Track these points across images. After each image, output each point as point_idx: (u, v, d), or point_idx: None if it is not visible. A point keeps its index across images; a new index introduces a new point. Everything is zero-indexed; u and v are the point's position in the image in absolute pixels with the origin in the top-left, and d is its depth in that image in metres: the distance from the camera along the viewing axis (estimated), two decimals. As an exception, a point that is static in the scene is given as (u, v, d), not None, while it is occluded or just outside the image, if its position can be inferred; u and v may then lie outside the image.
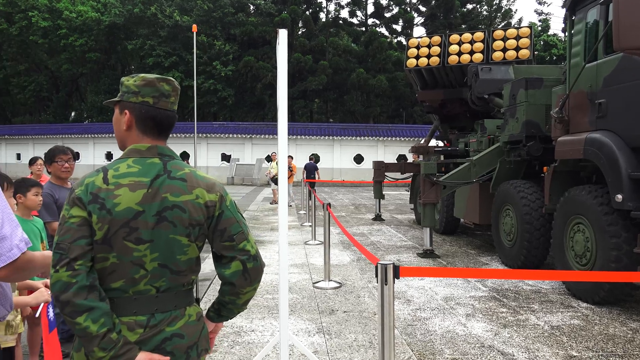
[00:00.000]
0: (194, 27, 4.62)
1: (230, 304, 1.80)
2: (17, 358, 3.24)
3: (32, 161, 6.50)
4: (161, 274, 1.66)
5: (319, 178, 20.76)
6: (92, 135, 36.02)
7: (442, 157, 11.91)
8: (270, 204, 18.23)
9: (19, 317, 3.11)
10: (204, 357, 1.80)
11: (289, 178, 16.58)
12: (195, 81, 4.09)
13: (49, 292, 2.48)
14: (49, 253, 1.86)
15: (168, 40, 39.53)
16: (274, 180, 17.84)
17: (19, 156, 38.02)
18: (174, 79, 1.83)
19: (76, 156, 4.53)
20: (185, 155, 34.26)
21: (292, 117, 40.75)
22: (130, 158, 1.72)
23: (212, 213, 1.73)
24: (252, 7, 43.77)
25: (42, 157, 5.23)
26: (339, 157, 33.83)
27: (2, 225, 1.71)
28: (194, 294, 1.82)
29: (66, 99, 46.39)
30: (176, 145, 33.51)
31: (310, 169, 20.64)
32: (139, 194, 1.65)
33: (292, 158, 17.84)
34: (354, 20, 46.04)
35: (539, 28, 43.35)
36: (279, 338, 3.44)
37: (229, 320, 4.96)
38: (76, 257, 1.57)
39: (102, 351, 1.55)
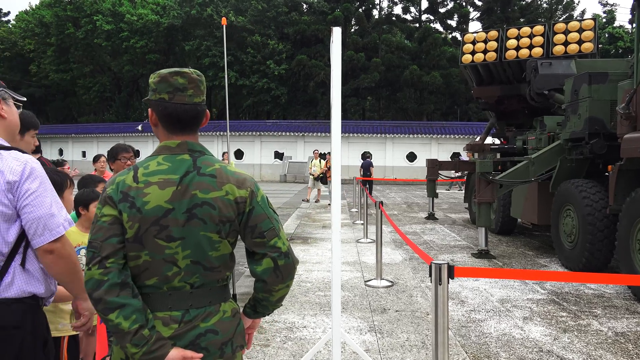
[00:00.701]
0: (224, 20, 4.64)
1: (264, 300, 1.78)
2: (88, 347, 3.41)
3: (96, 159, 6.79)
4: (194, 271, 1.65)
5: (371, 176, 20.58)
6: (151, 134, 37.30)
7: (498, 155, 11.58)
8: (315, 202, 17.92)
9: None
10: (239, 353, 1.77)
11: (330, 177, 16.53)
12: (226, 76, 4.11)
13: None
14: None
15: (223, 41, 40.42)
16: (317, 178, 17.49)
17: (84, 154, 39.96)
18: (192, 71, 1.73)
19: (137, 154, 4.70)
20: (240, 153, 34.99)
21: (344, 115, 40.73)
22: (161, 155, 1.71)
23: (242, 209, 1.69)
24: (305, 6, 44.10)
25: (105, 154, 5.46)
26: (391, 155, 33.53)
27: (51, 205, 1.91)
28: (230, 290, 1.81)
29: (127, 99, 48.35)
30: (230, 143, 34.21)
31: (366, 167, 20.57)
32: (168, 191, 1.63)
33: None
34: (408, 17, 45.46)
35: (604, 20, 41.36)
36: (331, 335, 3.45)
37: (282, 316, 5.04)
38: (107, 256, 1.59)
39: (135, 347, 1.58)
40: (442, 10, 44.05)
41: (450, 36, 44.95)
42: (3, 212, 1.86)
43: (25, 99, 2.30)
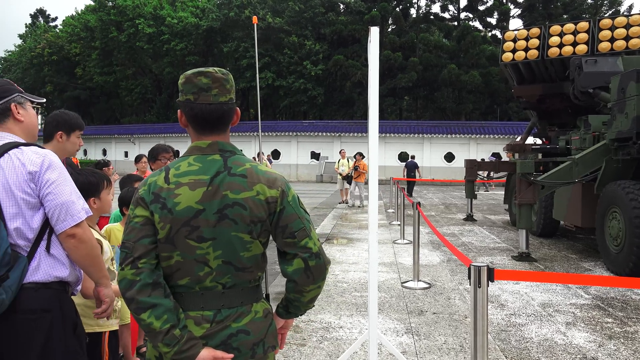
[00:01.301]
0: (254, 19, 4.67)
1: (295, 301, 1.77)
2: (131, 342, 3.51)
3: (138, 159, 6.97)
4: (226, 271, 1.65)
5: (420, 177, 20.31)
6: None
7: (540, 156, 11.29)
8: (339, 203, 17.51)
9: (120, 302, 3.34)
10: (271, 354, 1.77)
11: (358, 177, 16.34)
12: (257, 74, 4.11)
13: None
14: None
15: (261, 42, 40.86)
16: (345, 178, 17.00)
17: (126, 154, 41.12)
18: (216, 70, 1.72)
19: (176, 154, 4.80)
20: (276, 153, 35.25)
21: (381, 115, 40.51)
22: (192, 156, 1.71)
23: (273, 209, 1.68)
24: (342, 6, 44.10)
25: (146, 154, 5.59)
26: (428, 155, 33.14)
27: (70, 193, 2.10)
28: (262, 291, 1.81)
29: (168, 100, 49.45)
30: (267, 143, 34.57)
31: (411, 167, 20.31)
32: (199, 192, 1.63)
33: (362, 156, 16.97)
34: (446, 15, 44.86)
35: (653, 15, 39.71)
36: (368, 336, 3.43)
37: (318, 316, 5.04)
38: (140, 256, 1.61)
39: (166, 346, 1.59)
40: (481, 7, 43.27)
41: (489, 34, 44.16)
42: (27, 200, 2.03)
43: (44, 100, 2.47)
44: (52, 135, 2.74)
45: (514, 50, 11.52)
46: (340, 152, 18.45)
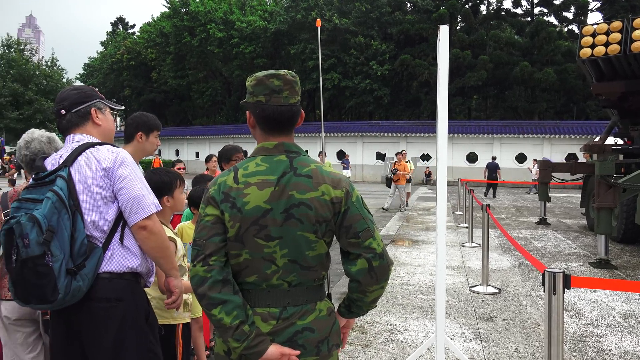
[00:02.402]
0: (318, 22, 4.70)
1: (358, 301, 1.78)
2: (201, 336, 3.64)
3: (208, 159, 7.20)
4: (291, 269, 1.69)
5: (500, 178, 19.60)
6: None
7: (620, 157, 10.63)
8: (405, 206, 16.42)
9: (192, 296, 3.46)
10: (335, 352, 1.79)
11: (398, 180, 15.85)
12: (320, 77, 4.12)
13: None
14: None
15: (327, 43, 41.08)
16: (408, 180, 16.29)
17: (197, 154, 42.63)
18: (287, 72, 1.77)
19: (245, 154, 4.94)
20: (342, 154, 35.35)
21: (449, 115, 39.14)
22: (259, 156, 1.75)
23: (338, 209, 1.70)
24: (409, 5, 43.50)
25: (216, 154, 5.76)
26: (498, 156, 31.88)
27: (142, 188, 2.23)
28: (325, 289, 1.83)
29: (237, 102, 50.82)
30: (332, 144, 34.71)
31: (492, 169, 19.63)
32: (267, 192, 1.68)
33: (403, 156, 16.36)
34: (518, 11, 43.11)
35: None
36: (435, 340, 3.37)
37: (383, 318, 5.01)
38: (211, 253, 1.66)
39: (236, 342, 1.64)
40: (557, 2, 41.23)
41: (565, 29, 42.01)
42: (102, 195, 2.18)
43: (122, 107, 2.67)
44: (132, 136, 2.90)
45: (592, 46, 10.91)
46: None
